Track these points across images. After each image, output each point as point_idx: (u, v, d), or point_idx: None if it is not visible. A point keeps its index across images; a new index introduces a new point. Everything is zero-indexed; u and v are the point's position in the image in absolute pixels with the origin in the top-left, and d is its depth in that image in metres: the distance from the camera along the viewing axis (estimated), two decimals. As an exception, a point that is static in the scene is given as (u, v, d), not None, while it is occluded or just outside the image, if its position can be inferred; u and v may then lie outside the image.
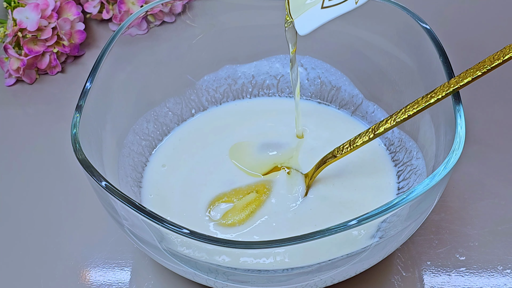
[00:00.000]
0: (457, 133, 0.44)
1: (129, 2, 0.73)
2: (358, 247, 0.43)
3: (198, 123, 0.61)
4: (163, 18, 0.63)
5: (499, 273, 0.53)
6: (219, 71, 0.62)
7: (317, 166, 0.53)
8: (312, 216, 0.52)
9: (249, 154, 0.58)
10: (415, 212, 0.44)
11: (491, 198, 0.58)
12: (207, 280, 0.46)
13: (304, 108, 0.62)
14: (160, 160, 0.58)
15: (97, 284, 0.53)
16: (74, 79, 0.72)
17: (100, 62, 0.52)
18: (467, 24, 0.76)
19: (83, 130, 0.47)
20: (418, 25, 0.52)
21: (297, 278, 0.44)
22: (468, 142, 0.61)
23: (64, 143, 0.57)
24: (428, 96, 0.48)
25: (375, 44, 0.58)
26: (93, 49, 0.75)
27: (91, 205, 0.57)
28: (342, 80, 0.61)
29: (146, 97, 0.59)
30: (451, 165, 0.43)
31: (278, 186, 0.54)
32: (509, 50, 0.46)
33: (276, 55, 0.63)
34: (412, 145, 0.55)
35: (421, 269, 0.53)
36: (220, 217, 0.53)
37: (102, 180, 0.44)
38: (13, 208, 0.60)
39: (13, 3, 0.71)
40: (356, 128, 0.59)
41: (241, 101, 0.63)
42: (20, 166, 0.63)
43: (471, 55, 0.69)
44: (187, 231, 0.41)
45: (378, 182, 0.55)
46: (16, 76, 0.71)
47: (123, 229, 0.47)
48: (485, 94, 0.66)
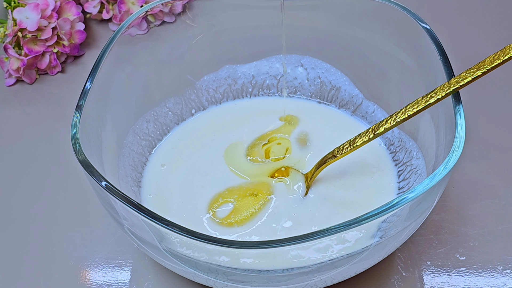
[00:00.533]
0: (457, 133, 0.44)
1: (129, 2, 0.73)
2: (358, 247, 0.43)
3: (197, 123, 0.61)
4: (163, 18, 0.63)
5: (499, 273, 0.53)
6: (219, 71, 0.62)
7: (317, 166, 0.53)
8: (312, 216, 0.52)
9: (242, 156, 0.58)
10: (415, 212, 0.44)
11: (491, 198, 0.58)
12: (207, 280, 0.46)
13: (304, 108, 0.62)
14: (160, 160, 0.58)
15: (97, 284, 0.53)
16: (74, 79, 0.72)
17: (100, 62, 0.52)
18: (467, 24, 0.76)
19: (83, 130, 0.47)
20: (418, 25, 0.52)
21: (297, 278, 0.44)
22: (468, 142, 0.61)
23: (64, 143, 0.58)
24: (428, 96, 0.48)
25: (375, 44, 0.58)
26: (93, 49, 0.75)
27: (91, 205, 0.57)
28: (342, 80, 0.61)
29: (146, 97, 0.59)
30: (451, 165, 0.43)
31: (278, 186, 0.54)
32: (509, 50, 0.46)
33: (276, 55, 0.63)
34: (412, 145, 0.55)
35: (421, 269, 0.53)
36: (220, 217, 0.53)
37: (102, 180, 0.44)
38: (13, 208, 0.60)
39: (13, 3, 0.71)
40: (356, 128, 0.59)
41: (241, 100, 0.63)
42: (20, 166, 0.63)
43: (471, 55, 0.69)
44: (187, 231, 0.41)
45: (378, 182, 0.55)
46: (16, 76, 0.71)
47: (123, 229, 0.47)
48: (485, 94, 0.66)
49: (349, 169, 0.56)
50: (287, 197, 0.54)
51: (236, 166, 0.57)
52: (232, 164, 0.57)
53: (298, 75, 0.63)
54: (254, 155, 0.57)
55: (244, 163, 0.57)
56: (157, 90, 0.60)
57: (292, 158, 0.57)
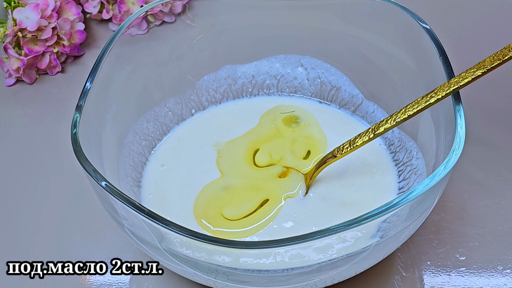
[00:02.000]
0: (457, 133, 0.44)
1: (129, 2, 0.73)
2: (358, 247, 0.43)
3: (197, 123, 0.61)
4: (163, 18, 0.63)
5: (499, 273, 0.53)
6: (219, 71, 0.62)
7: (317, 166, 0.53)
8: (312, 216, 0.52)
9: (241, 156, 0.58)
10: (415, 212, 0.44)
11: (491, 198, 0.58)
12: (207, 280, 0.46)
13: (304, 107, 0.62)
14: (160, 160, 0.58)
15: (97, 284, 0.53)
16: (74, 79, 0.72)
17: (100, 62, 0.52)
18: (467, 24, 0.76)
19: (83, 130, 0.47)
20: (418, 25, 0.52)
21: (297, 278, 0.44)
22: (468, 142, 0.61)
23: (64, 143, 0.57)
24: (428, 96, 0.48)
25: (375, 44, 0.58)
26: (93, 49, 0.75)
27: (91, 205, 0.57)
28: (342, 80, 0.61)
29: (146, 97, 0.59)
30: (451, 165, 0.43)
31: (278, 186, 0.54)
32: (509, 50, 0.46)
33: (276, 55, 0.63)
34: (412, 145, 0.55)
35: (421, 269, 0.53)
36: (219, 217, 0.53)
37: (102, 180, 0.44)
38: (13, 208, 0.60)
39: (13, 3, 0.71)
40: (356, 128, 0.59)
41: (241, 100, 0.63)
42: (20, 166, 0.63)
43: (471, 55, 0.69)
44: (187, 231, 0.41)
45: (378, 182, 0.55)
46: (16, 76, 0.71)
47: (123, 229, 0.47)
48: (485, 94, 0.66)
49: (349, 169, 0.56)
50: (287, 197, 0.53)
51: (235, 166, 0.57)
52: (232, 165, 0.57)
53: (298, 75, 0.63)
54: (255, 158, 0.57)
55: (243, 164, 0.57)
56: (157, 90, 0.60)
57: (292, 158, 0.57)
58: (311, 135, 0.59)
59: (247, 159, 0.57)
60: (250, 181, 0.55)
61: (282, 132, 0.59)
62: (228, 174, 0.56)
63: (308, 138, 0.59)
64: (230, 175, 0.56)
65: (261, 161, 0.57)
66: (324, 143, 0.58)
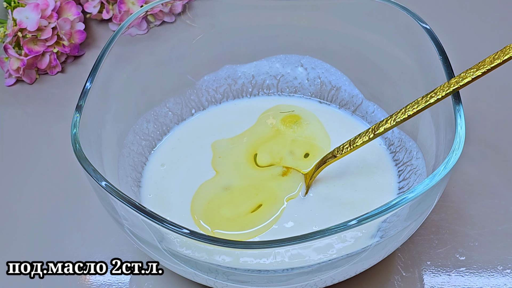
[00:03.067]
0: (457, 133, 0.44)
1: (129, 2, 0.73)
2: (358, 247, 0.43)
3: (197, 123, 0.61)
4: (163, 18, 0.63)
5: (499, 273, 0.53)
6: (219, 71, 0.62)
7: (317, 166, 0.53)
8: (312, 216, 0.52)
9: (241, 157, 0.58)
10: (415, 212, 0.44)
11: (491, 198, 0.58)
12: (207, 280, 0.46)
13: (304, 107, 0.62)
14: (160, 160, 0.58)
15: (97, 284, 0.53)
16: (74, 79, 0.72)
17: (100, 62, 0.52)
18: (467, 24, 0.76)
19: (83, 130, 0.47)
20: (418, 25, 0.52)
21: (297, 278, 0.44)
22: (468, 142, 0.61)
23: (64, 143, 0.57)
24: (428, 96, 0.48)
25: (375, 44, 0.58)
26: (93, 49, 0.75)
27: (91, 205, 0.57)
28: (342, 80, 0.61)
29: (146, 97, 0.59)
30: (451, 165, 0.43)
31: (278, 186, 0.54)
32: (509, 50, 0.46)
33: (276, 55, 0.63)
34: (412, 145, 0.55)
35: (421, 269, 0.53)
36: (220, 218, 0.53)
37: (102, 180, 0.44)
38: (13, 208, 0.60)
39: (13, 3, 0.71)
40: (356, 128, 0.59)
41: (241, 100, 0.63)
42: (20, 166, 0.63)
43: (471, 55, 0.69)
44: (187, 231, 0.41)
45: (378, 182, 0.55)
46: (16, 76, 0.71)
47: (123, 229, 0.47)
48: (485, 94, 0.66)
49: (349, 169, 0.56)
50: (287, 197, 0.53)
51: (236, 167, 0.57)
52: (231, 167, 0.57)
53: (298, 75, 0.63)
54: (256, 158, 0.57)
55: (244, 164, 0.57)
56: (157, 90, 0.60)
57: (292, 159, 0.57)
58: (314, 135, 0.59)
59: (247, 159, 0.57)
60: (251, 181, 0.55)
61: (282, 132, 0.59)
62: (228, 174, 0.56)
63: (310, 138, 0.58)
64: (231, 176, 0.56)
65: (262, 161, 0.57)
66: (327, 142, 0.58)
